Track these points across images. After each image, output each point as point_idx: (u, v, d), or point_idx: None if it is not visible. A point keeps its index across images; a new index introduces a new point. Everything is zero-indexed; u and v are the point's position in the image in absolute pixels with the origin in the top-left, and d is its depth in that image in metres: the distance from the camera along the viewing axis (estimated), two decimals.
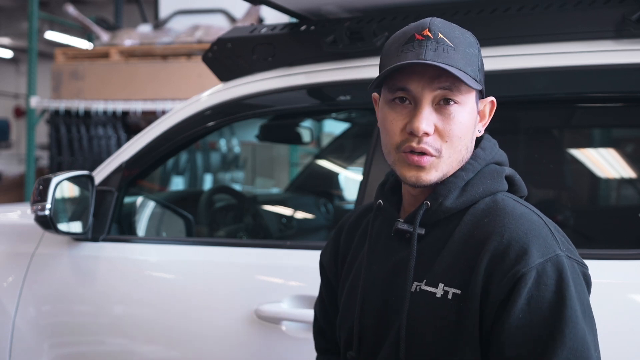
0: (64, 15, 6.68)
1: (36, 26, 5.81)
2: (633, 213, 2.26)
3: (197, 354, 1.82)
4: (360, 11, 1.90)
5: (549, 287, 1.00)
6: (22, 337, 2.06)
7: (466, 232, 1.09)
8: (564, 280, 1.00)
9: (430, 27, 1.09)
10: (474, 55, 1.11)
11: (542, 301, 0.99)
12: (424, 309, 1.09)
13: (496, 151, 1.19)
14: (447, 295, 1.07)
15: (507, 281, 1.01)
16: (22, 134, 13.70)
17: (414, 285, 1.11)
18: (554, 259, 1.02)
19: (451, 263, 1.08)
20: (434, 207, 1.13)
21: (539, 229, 1.05)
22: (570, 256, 1.05)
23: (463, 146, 1.11)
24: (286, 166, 5.86)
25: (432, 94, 1.08)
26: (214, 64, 2.15)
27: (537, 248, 1.02)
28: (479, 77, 1.11)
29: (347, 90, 1.84)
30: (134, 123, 5.47)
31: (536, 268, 1.00)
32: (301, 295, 1.70)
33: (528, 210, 1.09)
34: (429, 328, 1.08)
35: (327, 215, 2.97)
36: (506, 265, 1.02)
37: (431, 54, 1.07)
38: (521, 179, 1.20)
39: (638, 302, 1.40)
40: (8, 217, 2.48)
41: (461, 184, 1.13)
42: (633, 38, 1.54)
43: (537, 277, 1.00)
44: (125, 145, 2.13)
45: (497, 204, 1.10)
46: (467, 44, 1.10)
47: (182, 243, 2.09)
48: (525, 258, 1.01)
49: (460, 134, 1.10)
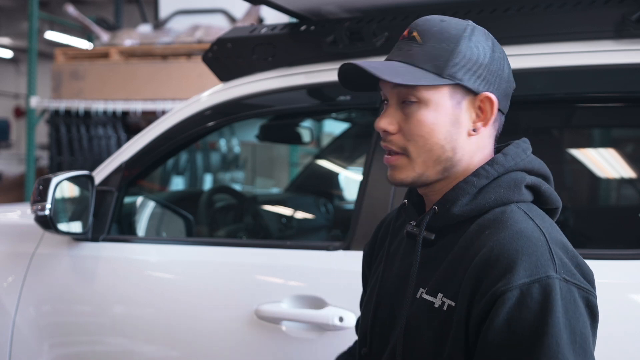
0: (64, 15, 6.68)
1: (36, 26, 5.81)
2: (633, 213, 2.26)
3: (197, 354, 1.82)
4: (360, 11, 1.90)
5: (532, 310, 0.93)
6: (22, 337, 2.06)
7: (468, 242, 1.04)
8: (549, 304, 0.93)
9: (411, 27, 1.11)
10: (446, 50, 1.06)
11: (523, 324, 0.93)
12: (422, 317, 1.07)
13: (523, 157, 1.11)
14: (444, 306, 1.03)
15: (489, 298, 0.96)
16: (22, 134, 13.69)
17: (419, 292, 1.09)
18: (543, 281, 0.94)
19: (450, 273, 1.05)
20: (441, 213, 1.09)
21: (534, 247, 0.98)
22: (569, 280, 0.96)
23: (434, 145, 1.07)
24: (286, 166, 5.86)
25: (393, 92, 1.10)
26: (214, 64, 2.15)
27: (524, 267, 0.95)
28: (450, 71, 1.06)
29: (347, 91, 1.84)
30: (134, 123, 5.47)
31: (520, 288, 0.94)
32: (301, 295, 1.70)
33: (532, 226, 1.02)
34: (425, 336, 1.06)
35: (327, 215, 2.97)
36: (490, 281, 0.97)
37: (396, 53, 1.10)
38: (551, 189, 1.12)
39: (638, 302, 1.40)
40: (8, 217, 2.49)
41: (472, 191, 1.07)
42: (633, 38, 1.54)
43: (521, 298, 0.94)
44: (125, 145, 2.13)
45: (503, 215, 1.04)
46: (442, 39, 1.07)
47: (182, 243, 2.09)
48: (508, 276, 0.95)
49: (422, 132, 1.07)
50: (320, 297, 1.66)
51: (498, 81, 1.10)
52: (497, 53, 1.10)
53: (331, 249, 1.72)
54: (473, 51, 1.08)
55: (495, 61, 1.10)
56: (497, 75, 1.10)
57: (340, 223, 2.85)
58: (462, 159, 1.10)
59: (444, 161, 1.09)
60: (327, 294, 1.66)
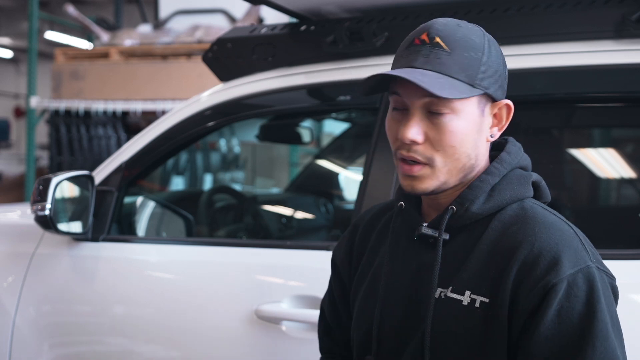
0: (64, 15, 6.68)
1: (36, 26, 5.81)
2: (633, 213, 2.26)
3: (197, 354, 1.82)
4: (360, 11, 1.90)
5: (580, 299, 0.99)
6: (22, 337, 2.06)
7: (494, 239, 1.07)
8: (594, 292, 0.99)
9: (429, 31, 1.06)
10: (475, 59, 1.05)
11: (573, 313, 0.98)
12: (450, 316, 1.06)
13: (521, 155, 1.16)
14: (475, 303, 1.05)
15: (538, 291, 1.00)
16: (22, 134, 13.69)
17: (437, 292, 1.09)
18: (585, 270, 1.00)
19: (478, 270, 1.06)
20: (460, 212, 1.10)
21: (570, 238, 1.04)
22: (600, 268, 1.03)
23: (462, 154, 1.07)
24: (286, 166, 5.86)
25: (421, 102, 1.06)
26: (214, 64, 2.15)
27: (568, 258, 1.00)
28: (480, 81, 1.05)
29: (347, 90, 1.84)
30: (134, 123, 5.47)
31: (567, 279, 0.99)
32: (301, 295, 1.70)
33: (558, 219, 1.08)
34: (454, 336, 1.06)
35: (327, 215, 2.97)
36: (537, 275, 1.00)
37: (422, 60, 1.05)
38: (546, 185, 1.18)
39: (638, 302, 1.40)
40: (8, 217, 2.49)
41: (487, 189, 1.10)
42: (633, 38, 1.54)
43: (568, 288, 0.99)
44: (125, 145, 2.13)
45: (525, 211, 1.08)
46: (468, 47, 1.05)
47: (182, 243, 2.09)
48: (556, 268, 1.00)
49: (454, 143, 1.06)
50: (320, 297, 1.66)
51: (506, 86, 1.13)
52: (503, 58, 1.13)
53: (331, 249, 1.72)
54: (494, 59, 1.09)
55: (505, 67, 1.12)
56: (506, 80, 1.13)
57: (340, 223, 2.85)
58: (480, 164, 1.12)
59: (467, 169, 1.09)
60: None
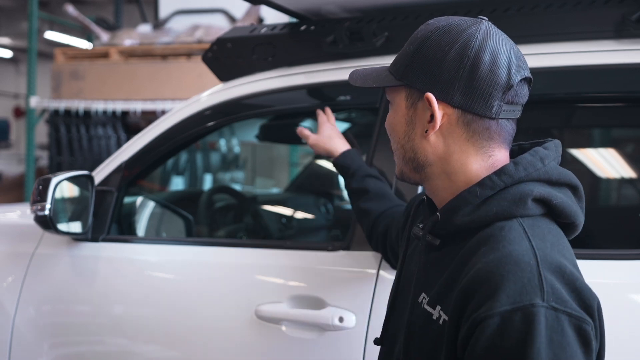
0: (64, 15, 6.68)
1: (36, 26, 5.81)
2: (633, 213, 2.26)
3: (196, 354, 1.81)
4: (360, 11, 1.90)
5: (512, 340, 0.89)
6: (22, 337, 2.06)
7: (467, 256, 1.01)
8: (530, 334, 0.88)
9: None
10: (405, 53, 1.10)
11: (503, 353, 0.89)
12: (422, 326, 1.07)
13: (539, 167, 1.04)
14: (440, 320, 1.02)
15: (471, 323, 0.93)
16: (22, 134, 13.69)
17: (421, 296, 1.09)
18: (526, 309, 0.89)
19: (448, 287, 1.02)
20: (442, 220, 1.07)
21: (521, 272, 0.92)
22: (558, 308, 0.90)
23: (397, 144, 1.14)
24: (286, 166, 5.86)
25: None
26: (213, 64, 2.15)
27: (507, 293, 0.90)
28: (403, 73, 1.08)
29: (347, 90, 1.84)
30: (134, 123, 5.47)
31: (501, 315, 0.90)
32: (301, 296, 1.70)
33: (525, 248, 0.95)
34: (424, 345, 1.06)
35: (327, 215, 2.97)
36: (473, 306, 0.93)
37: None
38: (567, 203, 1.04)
39: (638, 302, 1.40)
40: (8, 217, 2.49)
41: (474, 200, 1.03)
42: (633, 38, 1.54)
43: (502, 325, 0.89)
44: (125, 145, 2.13)
45: (500, 232, 0.99)
46: (409, 42, 1.11)
47: (182, 243, 2.09)
48: (490, 302, 0.91)
49: (388, 131, 1.15)
50: (320, 297, 1.66)
51: (454, 80, 1.03)
52: (455, 52, 1.03)
53: (331, 249, 1.72)
54: (429, 51, 1.05)
55: (450, 60, 1.03)
56: (452, 74, 1.03)
57: (340, 223, 2.85)
58: (429, 160, 1.09)
59: (410, 161, 1.12)
60: (327, 294, 1.66)
